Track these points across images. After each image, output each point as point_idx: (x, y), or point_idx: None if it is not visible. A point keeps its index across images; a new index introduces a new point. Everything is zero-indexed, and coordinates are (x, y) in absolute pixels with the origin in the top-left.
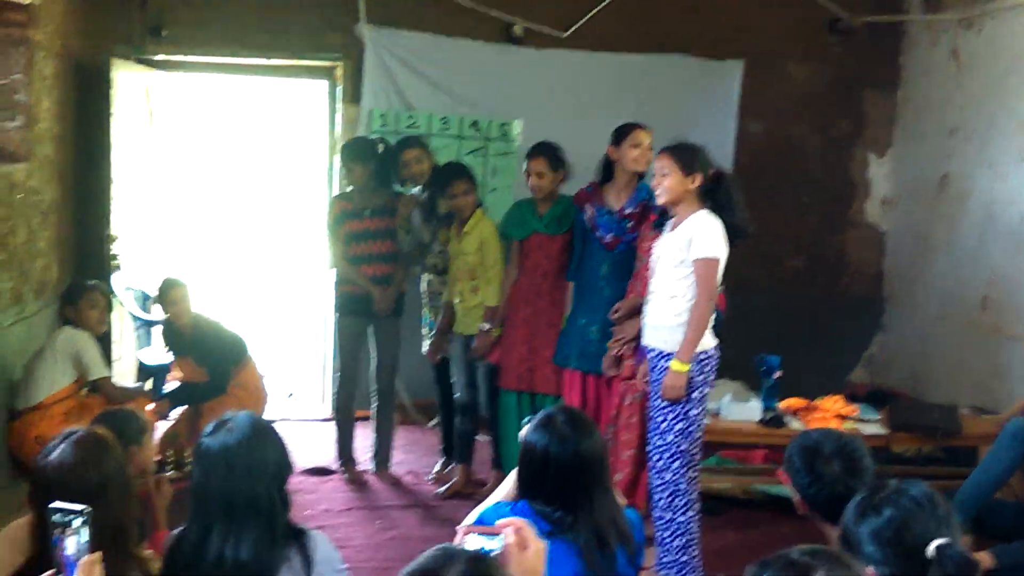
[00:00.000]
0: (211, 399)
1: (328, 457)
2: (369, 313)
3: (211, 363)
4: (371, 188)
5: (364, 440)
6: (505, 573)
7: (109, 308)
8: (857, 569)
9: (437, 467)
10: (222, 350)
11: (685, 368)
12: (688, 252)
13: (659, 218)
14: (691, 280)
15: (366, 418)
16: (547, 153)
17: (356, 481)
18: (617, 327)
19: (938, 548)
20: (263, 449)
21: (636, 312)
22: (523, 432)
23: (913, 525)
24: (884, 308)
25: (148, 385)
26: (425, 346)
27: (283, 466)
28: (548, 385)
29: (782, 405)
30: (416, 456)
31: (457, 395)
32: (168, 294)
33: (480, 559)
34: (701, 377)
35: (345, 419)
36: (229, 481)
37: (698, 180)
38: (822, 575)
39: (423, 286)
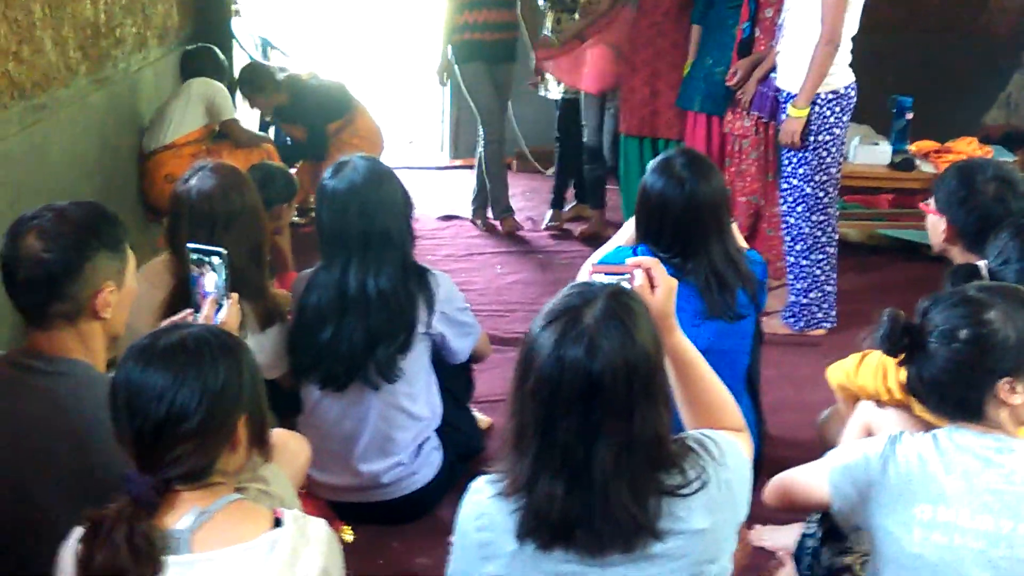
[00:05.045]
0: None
1: (448, 204)
2: (492, 57)
3: (310, 127)
4: None
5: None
6: (645, 306)
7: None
8: None
9: (547, 218)
10: (320, 111)
11: (802, 113)
12: None
13: None
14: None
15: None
16: None
17: (513, 231)
18: (740, 94)
19: None
20: (389, 185)
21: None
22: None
23: None
24: None
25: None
26: (541, 90)
27: (408, 202)
28: (671, 130)
29: (913, 148)
30: (535, 203)
31: (586, 139)
32: (247, 85)
33: (621, 292)
34: (832, 119)
35: (500, 169)
36: (363, 218)
37: None
38: (998, 314)
39: (548, 24)
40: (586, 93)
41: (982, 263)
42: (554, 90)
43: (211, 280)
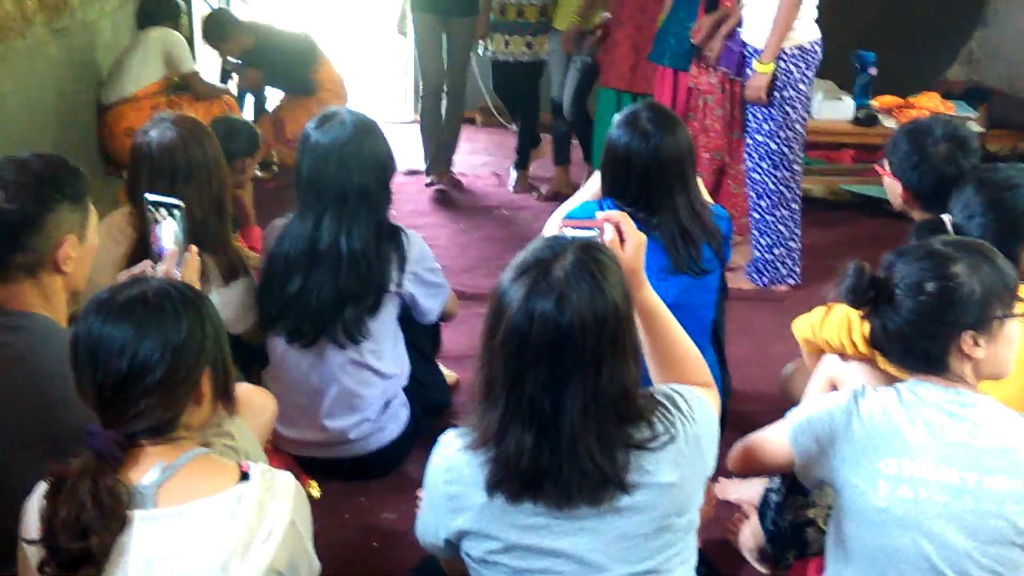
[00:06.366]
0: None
1: (412, 159)
2: (446, 10)
3: (285, 74)
4: None
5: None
6: (615, 259)
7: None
8: (1000, 261)
9: (513, 180)
10: (293, 58)
11: (767, 69)
12: None
13: None
14: None
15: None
16: None
17: (448, 185)
18: (707, 51)
19: None
20: (373, 143)
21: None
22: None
23: None
24: (986, 0)
25: (232, 86)
26: (481, 48)
27: (391, 162)
28: (647, 84)
29: (875, 103)
30: (499, 158)
31: (554, 95)
32: (211, 33)
33: (591, 246)
34: (797, 74)
35: (433, 122)
36: (343, 173)
37: None
38: (963, 267)
39: None
40: (552, 50)
41: (947, 217)
42: (496, 51)
43: (169, 232)
